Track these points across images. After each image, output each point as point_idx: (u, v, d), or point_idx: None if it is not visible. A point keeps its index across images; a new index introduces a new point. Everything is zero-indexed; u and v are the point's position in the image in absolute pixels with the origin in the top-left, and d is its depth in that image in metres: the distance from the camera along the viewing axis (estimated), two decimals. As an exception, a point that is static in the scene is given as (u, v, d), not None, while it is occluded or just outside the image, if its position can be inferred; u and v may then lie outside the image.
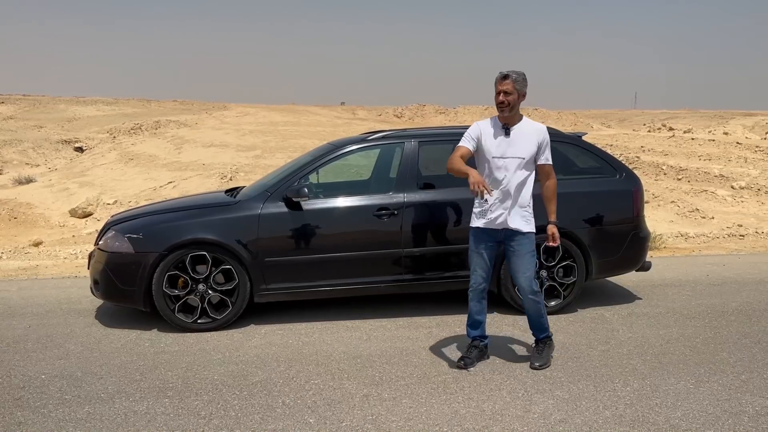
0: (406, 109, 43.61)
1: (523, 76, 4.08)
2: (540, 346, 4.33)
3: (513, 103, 4.05)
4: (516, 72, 4.06)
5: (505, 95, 4.03)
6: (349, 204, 5.21)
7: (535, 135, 4.13)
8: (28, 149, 30.94)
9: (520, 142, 4.09)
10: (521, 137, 4.10)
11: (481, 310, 4.35)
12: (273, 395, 3.80)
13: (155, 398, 3.77)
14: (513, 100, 4.04)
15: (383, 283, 5.21)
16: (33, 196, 20.72)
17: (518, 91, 4.05)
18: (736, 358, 4.38)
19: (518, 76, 4.06)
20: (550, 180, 4.22)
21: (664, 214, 15.93)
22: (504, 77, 4.05)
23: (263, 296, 5.08)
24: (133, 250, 4.92)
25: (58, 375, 4.15)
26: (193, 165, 22.73)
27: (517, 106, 4.09)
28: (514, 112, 4.09)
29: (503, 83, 4.04)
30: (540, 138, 4.13)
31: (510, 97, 4.03)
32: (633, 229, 5.49)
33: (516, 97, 4.05)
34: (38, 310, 5.65)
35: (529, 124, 4.17)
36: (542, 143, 4.13)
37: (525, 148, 4.09)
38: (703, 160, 21.54)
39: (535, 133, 4.14)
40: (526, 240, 4.14)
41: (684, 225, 14.53)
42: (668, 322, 5.17)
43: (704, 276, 6.78)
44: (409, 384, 3.95)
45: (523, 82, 4.09)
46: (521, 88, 4.07)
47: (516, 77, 4.04)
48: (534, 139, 4.11)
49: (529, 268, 4.15)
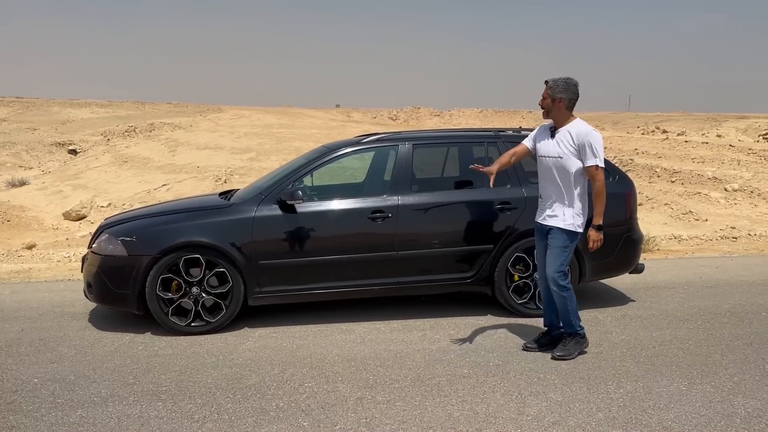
0: (401, 111, 43.67)
1: (563, 82, 4.33)
2: (566, 339, 4.49)
3: (547, 108, 4.37)
4: (554, 79, 4.36)
5: (542, 100, 4.40)
6: (344, 206, 5.21)
7: (574, 136, 4.30)
8: (21, 152, 30.84)
9: (560, 143, 4.34)
10: (562, 138, 4.34)
11: (549, 302, 4.59)
12: (267, 398, 3.80)
13: (149, 402, 3.76)
14: (547, 105, 4.36)
15: (378, 286, 5.22)
16: (26, 198, 20.65)
17: (550, 96, 4.33)
18: (728, 359, 4.40)
19: (554, 82, 4.33)
20: (593, 183, 4.31)
21: (658, 216, 15.99)
22: (545, 83, 4.38)
23: (257, 299, 5.08)
24: (127, 253, 4.91)
25: (50, 378, 4.14)
26: (188, 167, 22.70)
27: (554, 110, 4.36)
28: (552, 114, 4.37)
29: (545, 89, 4.37)
30: (579, 140, 4.28)
31: (545, 101, 4.37)
32: (626, 231, 5.51)
33: (550, 101, 4.34)
34: (31, 313, 5.64)
35: (575, 126, 4.34)
36: (581, 145, 4.27)
37: (562, 149, 4.32)
38: (697, 162, 21.61)
39: (575, 134, 4.30)
40: (559, 234, 4.35)
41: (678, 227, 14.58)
42: (661, 324, 5.18)
43: (697, 278, 6.81)
44: (402, 387, 3.96)
45: (558, 87, 4.32)
46: (553, 94, 4.32)
47: (552, 84, 4.33)
48: (572, 140, 4.29)
49: (556, 261, 4.35)
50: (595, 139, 4.24)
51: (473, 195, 5.35)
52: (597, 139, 4.25)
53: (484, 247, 5.26)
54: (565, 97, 4.30)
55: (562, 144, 4.31)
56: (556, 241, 4.36)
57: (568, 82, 4.31)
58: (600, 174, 4.26)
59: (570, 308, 4.41)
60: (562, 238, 4.34)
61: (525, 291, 5.35)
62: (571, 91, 4.32)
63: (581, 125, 4.34)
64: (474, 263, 5.28)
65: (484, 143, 5.55)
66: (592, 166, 4.25)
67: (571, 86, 4.32)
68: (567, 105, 4.33)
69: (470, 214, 5.28)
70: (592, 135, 4.26)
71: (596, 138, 4.25)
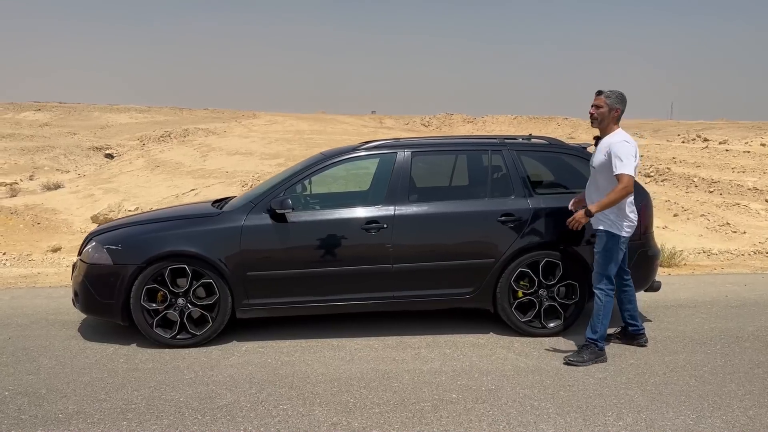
0: (434, 118, 43.32)
1: (620, 93, 4.48)
2: (584, 347, 4.53)
3: (601, 117, 4.46)
4: (611, 90, 4.48)
5: (596, 108, 4.47)
6: (337, 216, 4.97)
7: (608, 146, 4.41)
8: (59, 155, 31.49)
9: (599, 152, 4.51)
10: (602, 148, 4.48)
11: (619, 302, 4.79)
12: (236, 421, 3.58)
13: (113, 421, 3.58)
14: (602, 114, 4.45)
15: (371, 300, 4.96)
16: (59, 201, 21.00)
17: (609, 106, 4.44)
18: (745, 390, 4.02)
19: (611, 93, 4.47)
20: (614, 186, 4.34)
21: (694, 228, 15.36)
22: (598, 93, 4.49)
23: (245, 311, 4.87)
24: (112, 261, 4.76)
25: (22, 392, 3.99)
26: (217, 173, 22.83)
27: (606, 120, 4.47)
28: (604, 125, 4.48)
29: (597, 99, 4.48)
30: (609, 149, 4.40)
31: (600, 110, 4.46)
32: (640, 247, 5.13)
33: (606, 111, 4.44)
34: (23, 320, 5.54)
35: (612, 137, 4.46)
36: (610, 153, 4.37)
37: (599, 158, 4.49)
38: (737, 172, 20.81)
39: (608, 144, 4.42)
40: (600, 238, 4.50)
41: (714, 239, 13.96)
42: (676, 348, 4.81)
43: (722, 297, 6.37)
44: (383, 412, 3.69)
45: (616, 98, 4.46)
46: (613, 104, 4.44)
47: (609, 94, 4.47)
48: (606, 150, 4.42)
49: (598, 263, 4.51)
50: (619, 148, 4.32)
51: (474, 206, 5.06)
52: (622, 147, 4.32)
53: (486, 261, 4.96)
54: (621, 108, 4.47)
55: (601, 153, 4.46)
56: (597, 245, 4.53)
57: (623, 95, 4.48)
58: (624, 181, 4.29)
59: (602, 314, 4.49)
60: (602, 240, 4.47)
61: (530, 308, 5.03)
62: (624, 104, 4.49)
63: (617, 135, 4.45)
64: (474, 278, 4.98)
65: (488, 151, 5.25)
66: (618, 174, 4.32)
67: (624, 99, 4.48)
68: (619, 117, 4.49)
69: (471, 226, 4.99)
70: (616, 144, 4.35)
71: (621, 147, 4.33)
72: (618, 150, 4.31)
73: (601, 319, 4.48)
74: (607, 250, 4.46)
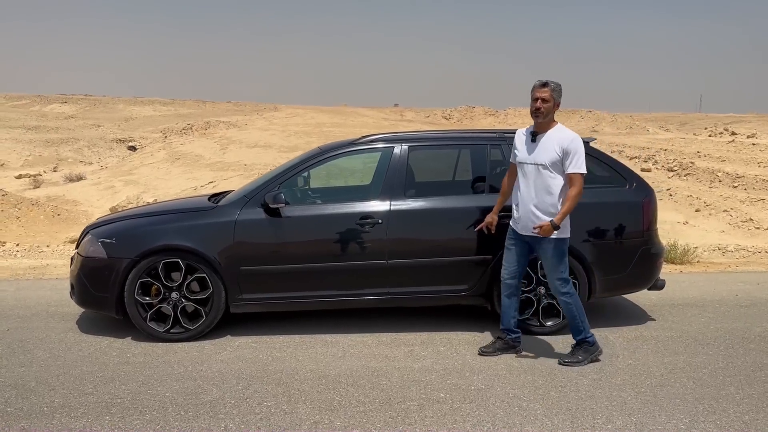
0: (455, 110, 43.06)
1: (560, 87, 4.25)
2: (576, 346, 4.40)
3: (547, 111, 4.19)
4: (554, 81, 4.22)
5: (543, 102, 4.18)
6: (331, 211, 4.92)
7: (558, 142, 4.18)
8: (83, 147, 31.97)
9: (544, 149, 4.21)
10: (546, 144, 4.21)
11: (509, 306, 4.50)
12: (218, 418, 3.55)
13: (96, 415, 3.57)
14: (548, 108, 4.18)
15: (366, 296, 4.91)
16: (80, 193, 21.29)
17: (554, 99, 4.21)
18: (744, 393, 3.89)
19: (556, 85, 4.22)
20: (571, 189, 4.18)
21: (716, 224, 15.05)
22: (543, 85, 4.20)
23: (239, 306, 4.85)
24: (106, 255, 4.77)
25: (11, 384, 4.01)
26: (235, 165, 22.93)
27: (551, 114, 4.23)
28: (548, 119, 4.23)
29: (542, 91, 4.19)
30: (564, 145, 4.17)
31: (546, 104, 4.17)
32: (643, 244, 5.00)
33: (552, 105, 4.20)
34: (25, 312, 5.59)
35: (558, 132, 4.24)
36: (566, 151, 4.16)
37: (546, 155, 4.19)
38: (763, 166, 20.36)
39: (560, 140, 4.19)
40: (549, 244, 4.23)
41: (736, 236, 13.65)
42: (677, 348, 4.68)
43: (732, 296, 6.20)
44: (367, 411, 3.64)
45: (560, 91, 4.25)
46: (557, 98, 4.23)
47: (554, 86, 4.21)
48: (557, 146, 4.17)
49: (555, 270, 4.27)
50: (578, 146, 4.16)
51: (471, 201, 4.97)
52: (579, 144, 4.18)
53: (482, 258, 4.87)
54: (560, 101, 4.26)
55: (551, 150, 4.18)
56: (548, 251, 4.26)
57: (560, 86, 4.25)
58: (579, 181, 4.15)
59: (576, 314, 4.33)
60: (551, 246, 4.23)
61: (527, 306, 4.93)
62: (561, 96, 4.28)
63: (566, 130, 4.26)
64: (470, 275, 4.90)
65: (487, 146, 5.15)
66: (575, 174, 4.15)
67: (562, 91, 4.26)
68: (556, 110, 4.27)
69: (467, 222, 4.89)
70: (574, 141, 4.17)
71: (578, 144, 4.17)
72: (577, 147, 4.13)
73: (578, 317, 4.33)
74: (561, 253, 4.26)
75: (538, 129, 4.27)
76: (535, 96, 4.19)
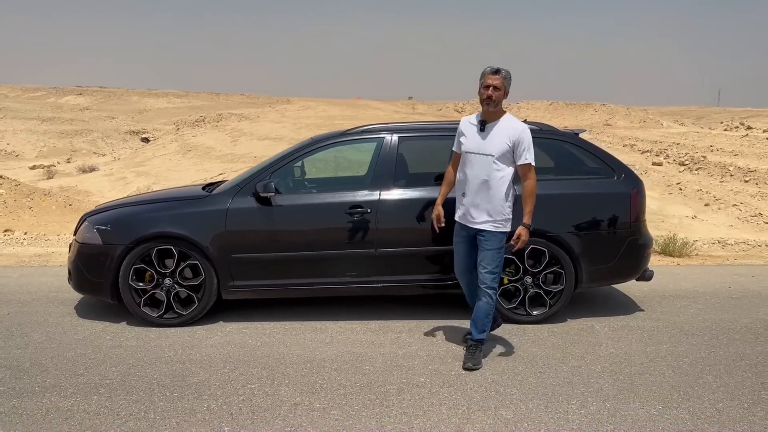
0: (467, 104, 42.97)
1: (510, 74, 4.13)
2: (474, 347, 4.22)
3: (498, 99, 4.08)
4: (505, 69, 4.09)
5: (495, 90, 4.04)
6: (321, 201, 5.02)
7: (509, 133, 4.09)
8: (97, 139, 32.31)
9: (493, 139, 4.10)
10: (495, 134, 4.10)
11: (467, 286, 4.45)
12: (202, 399, 3.66)
13: (84, 395, 3.69)
14: (499, 96, 4.07)
15: (354, 285, 5.00)
16: (92, 184, 21.56)
17: (505, 87, 4.09)
18: (721, 382, 3.93)
19: (507, 73, 4.10)
20: (525, 181, 4.15)
21: (724, 218, 14.98)
22: (495, 72, 4.07)
23: (231, 293, 4.95)
24: (101, 241, 4.89)
25: (6, 365, 4.15)
26: (245, 157, 23.10)
27: (500, 103, 4.12)
28: (498, 108, 4.12)
29: (493, 78, 4.06)
30: (515, 137, 4.08)
31: (498, 92, 4.05)
32: (630, 235, 5.04)
33: (502, 93, 4.08)
34: (25, 297, 5.74)
35: (508, 122, 4.15)
36: (517, 142, 4.08)
37: (495, 146, 4.09)
38: (776, 161, 20.19)
39: (510, 130, 4.10)
40: (491, 237, 4.14)
41: (744, 230, 13.59)
42: (661, 338, 4.72)
43: (725, 288, 6.21)
44: (346, 394, 3.73)
45: (510, 79, 4.13)
46: (508, 86, 4.12)
47: (506, 74, 4.09)
48: (507, 137, 4.08)
49: (491, 263, 4.15)
50: (527, 136, 4.08)
51: (460, 191, 5.02)
52: (529, 135, 4.10)
53: (469, 247, 4.93)
54: (509, 90, 4.16)
55: (496, 140, 4.08)
56: (488, 244, 4.15)
57: (511, 75, 4.15)
58: (533, 172, 4.11)
59: (489, 313, 4.24)
60: (492, 240, 4.15)
61: (515, 295, 4.99)
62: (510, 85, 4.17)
63: (515, 120, 4.19)
64: (458, 264, 4.96)
65: (477, 136, 5.19)
66: (526, 164, 4.09)
67: (511, 79, 4.16)
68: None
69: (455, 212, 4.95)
70: (524, 131, 4.09)
71: (528, 134, 4.10)
72: (527, 137, 4.04)
73: (489, 317, 4.24)
74: (501, 249, 4.16)
75: (486, 118, 4.13)
76: (487, 83, 4.04)
